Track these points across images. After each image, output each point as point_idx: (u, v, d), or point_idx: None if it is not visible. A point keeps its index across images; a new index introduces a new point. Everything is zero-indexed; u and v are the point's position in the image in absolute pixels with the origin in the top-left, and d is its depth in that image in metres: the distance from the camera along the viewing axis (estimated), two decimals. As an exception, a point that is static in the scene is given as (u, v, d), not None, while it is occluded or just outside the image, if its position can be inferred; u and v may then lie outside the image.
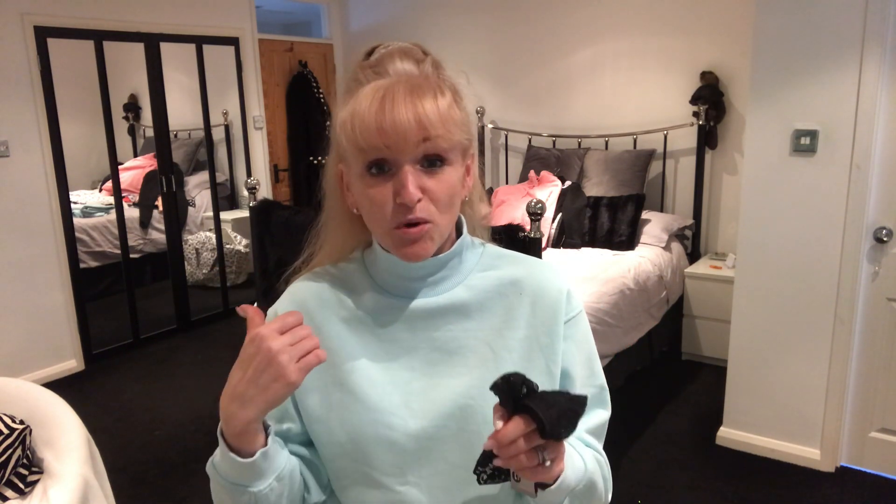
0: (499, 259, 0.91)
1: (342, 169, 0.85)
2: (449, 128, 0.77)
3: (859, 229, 2.47)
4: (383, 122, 0.75)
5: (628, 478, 2.71)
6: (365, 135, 0.76)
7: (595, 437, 0.90)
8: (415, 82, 0.78)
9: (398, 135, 0.75)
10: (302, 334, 0.72)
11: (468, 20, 4.77)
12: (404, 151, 0.76)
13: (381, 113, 0.75)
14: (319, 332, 0.86)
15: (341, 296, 0.88)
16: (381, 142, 0.75)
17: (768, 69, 2.54)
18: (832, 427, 2.67)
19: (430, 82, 0.79)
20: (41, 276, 3.73)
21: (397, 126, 0.75)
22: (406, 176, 0.76)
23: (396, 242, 0.80)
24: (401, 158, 0.76)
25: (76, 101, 4.11)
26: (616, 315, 3.03)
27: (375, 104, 0.75)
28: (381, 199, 0.78)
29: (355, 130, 0.76)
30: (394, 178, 0.77)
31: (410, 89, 0.76)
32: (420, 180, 0.77)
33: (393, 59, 0.80)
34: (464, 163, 0.84)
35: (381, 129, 0.75)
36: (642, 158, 4.02)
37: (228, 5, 4.60)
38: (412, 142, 0.75)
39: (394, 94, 0.76)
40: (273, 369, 0.70)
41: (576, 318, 0.88)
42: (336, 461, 0.86)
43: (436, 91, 0.78)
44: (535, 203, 2.13)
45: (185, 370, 3.91)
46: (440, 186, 0.79)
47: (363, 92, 0.78)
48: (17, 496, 1.88)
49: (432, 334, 0.85)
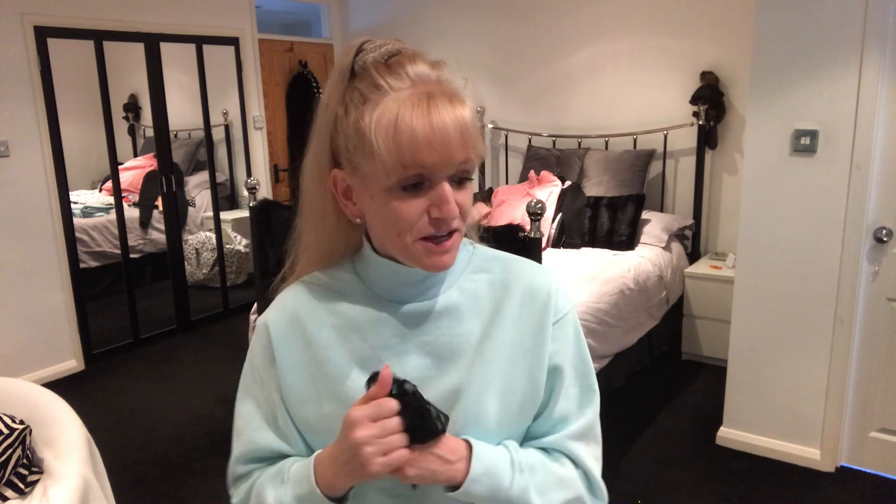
0: (489, 261, 0.90)
1: (339, 175, 0.81)
2: (477, 140, 0.77)
3: (859, 229, 2.47)
4: (432, 134, 0.72)
5: (628, 478, 2.71)
6: (413, 148, 0.72)
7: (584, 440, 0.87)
8: (450, 90, 0.76)
9: (445, 148, 0.73)
10: (391, 427, 0.72)
11: (468, 20, 4.77)
12: (446, 167, 0.74)
13: (429, 125, 0.72)
14: (310, 341, 0.85)
15: (332, 303, 0.87)
16: (429, 157, 0.73)
17: (768, 69, 2.54)
18: (832, 427, 2.67)
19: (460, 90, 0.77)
20: (41, 275, 3.73)
21: (445, 139, 0.73)
22: (446, 191, 0.75)
23: (422, 254, 0.78)
24: (441, 175, 0.75)
25: (76, 101, 4.11)
26: (616, 315, 3.03)
27: (423, 115, 0.72)
28: (413, 212, 0.76)
29: (401, 144, 0.72)
30: (428, 193, 0.75)
31: (450, 98, 0.74)
32: (454, 194, 0.77)
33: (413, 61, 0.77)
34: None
35: (430, 142, 0.72)
36: (642, 158, 4.02)
37: (228, 5, 4.60)
38: (456, 158, 0.74)
39: (438, 104, 0.73)
40: (357, 460, 0.72)
41: (564, 319, 0.87)
42: None
43: (465, 100, 0.77)
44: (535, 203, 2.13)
45: (185, 370, 3.91)
46: (466, 199, 0.79)
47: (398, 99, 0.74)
48: (17, 496, 1.88)
49: (424, 338, 0.84)
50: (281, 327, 0.87)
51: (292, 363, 0.85)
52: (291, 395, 0.84)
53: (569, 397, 0.87)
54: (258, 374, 0.88)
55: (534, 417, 0.86)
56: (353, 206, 0.82)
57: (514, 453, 0.81)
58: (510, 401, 0.82)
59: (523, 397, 0.83)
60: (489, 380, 0.82)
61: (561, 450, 0.85)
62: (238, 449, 0.88)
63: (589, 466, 0.86)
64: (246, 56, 4.75)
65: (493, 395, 0.82)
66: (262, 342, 0.87)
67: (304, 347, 0.85)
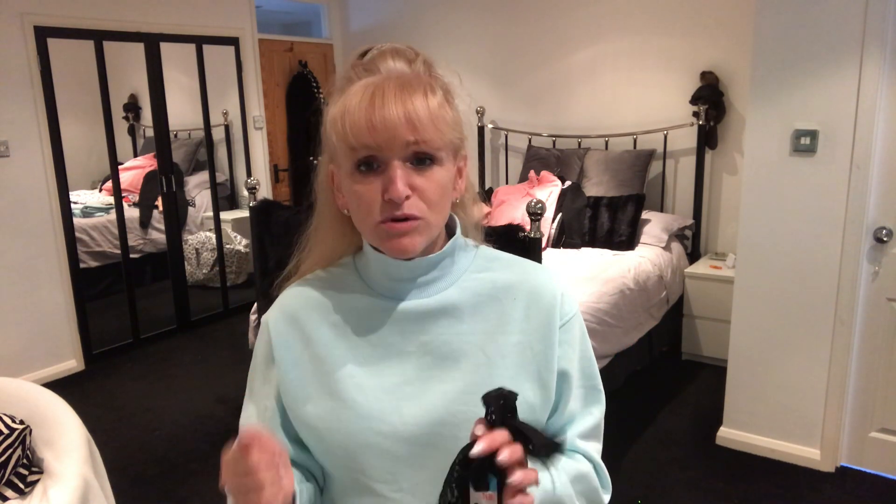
0: (493, 261, 0.90)
1: (333, 169, 0.84)
2: (439, 126, 0.77)
3: (859, 229, 2.47)
4: (373, 118, 0.74)
5: (628, 478, 2.71)
6: (355, 131, 0.75)
7: (592, 438, 0.89)
8: (405, 79, 0.77)
9: (388, 132, 0.74)
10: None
11: (468, 20, 4.77)
12: (393, 149, 0.76)
13: (370, 109, 0.74)
14: (309, 339, 0.86)
15: (332, 300, 0.87)
16: (372, 139, 0.75)
17: (768, 69, 2.54)
18: (832, 427, 2.67)
19: (421, 80, 0.78)
20: (41, 276, 3.73)
21: (387, 123, 0.74)
22: (395, 172, 0.76)
23: (383, 237, 0.79)
24: (390, 156, 0.76)
25: (76, 101, 4.11)
26: (616, 315, 3.03)
27: (366, 101, 0.75)
28: (370, 195, 0.77)
29: (345, 127, 0.76)
30: (382, 175, 0.77)
31: (400, 86, 0.76)
32: (409, 178, 0.77)
33: (385, 59, 0.80)
34: (455, 163, 0.83)
35: (372, 125, 0.74)
36: (642, 158, 4.02)
37: (228, 5, 4.60)
38: (401, 140, 0.75)
39: (384, 91, 0.75)
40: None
41: (570, 322, 0.87)
42: (330, 469, 0.86)
43: (426, 89, 0.77)
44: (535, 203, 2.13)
45: (185, 370, 3.91)
46: (429, 184, 0.78)
47: (353, 89, 0.78)
48: (17, 496, 1.88)
49: (424, 337, 0.84)
50: (280, 326, 0.87)
51: (292, 361, 0.85)
52: (290, 393, 0.85)
53: (578, 399, 0.88)
54: (261, 372, 0.89)
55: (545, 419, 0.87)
56: (341, 197, 0.84)
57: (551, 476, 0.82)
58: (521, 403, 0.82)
59: (534, 399, 0.83)
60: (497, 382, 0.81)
61: (573, 449, 0.88)
62: None
63: (599, 462, 0.89)
64: (246, 56, 4.75)
65: None
66: (263, 341, 0.89)
67: (304, 345, 0.86)
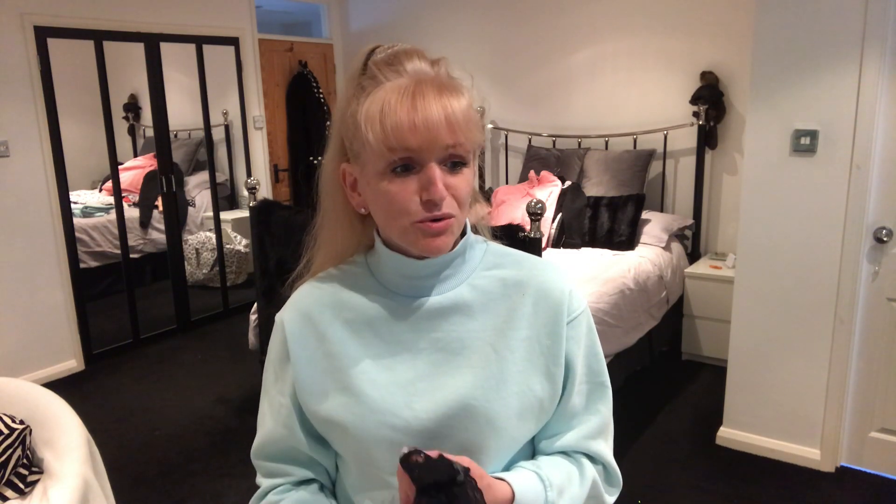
0: (502, 258, 0.91)
1: (346, 168, 0.84)
2: (471, 128, 0.78)
3: (859, 229, 2.47)
4: (416, 119, 0.75)
5: (628, 478, 2.69)
6: (396, 132, 0.75)
7: (599, 438, 0.90)
8: (441, 81, 0.78)
9: (429, 132, 0.75)
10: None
11: (468, 20, 4.77)
12: (433, 151, 0.76)
13: (413, 111, 0.75)
14: (323, 336, 0.87)
15: (345, 298, 0.88)
16: (414, 140, 0.75)
17: (768, 69, 2.54)
18: (832, 427, 2.67)
19: (454, 83, 0.80)
20: (41, 276, 3.73)
21: (429, 124, 0.75)
22: (434, 172, 0.77)
23: (418, 236, 0.80)
24: (427, 157, 0.77)
25: (76, 101, 4.12)
26: (616, 315, 3.03)
27: (407, 102, 0.75)
28: (405, 195, 0.78)
29: (386, 128, 0.75)
30: (419, 175, 0.77)
31: (438, 88, 0.77)
32: (445, 178, 0.78)
33: (411, 58, 0.80)
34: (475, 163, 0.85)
35: (414, 126, 0.75)
36: (642, 158, 4.02)
37: (228, 5, 4.60)
38: (442, 142, 0.76)
39: (424, 93, 0.76)
40: None
41: (578, 318, 0.88)
42: (346, 462, 0.89)
43: (459, 91, 0.79)
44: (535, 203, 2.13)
45: (185, 370, 3.91)
46: (461, 184, 0.79)
47: (387, 88, 0.77)
48: (17, 496, 1.88)
49: (436, 334, 0.85)
50: (295, 324, 0.89)
51: (306, 359, 0.87)
52: (305, 389, 0.86)
53: (583, 395, 0.89)
54: (275, 371, 0.91)
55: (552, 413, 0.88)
56: (358, 197, 0.85)
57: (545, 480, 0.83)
58: (529, 397, 0.84)
59: (542, 393, 0.85)
60: (506, 377, 0.84)
61: (581, 451, 0.89)
62: (255, 441, 0.94)
63: (608, 460, 0.90)
64: (246, 56, 4.75)
65: (511, 392, 0.83)
66: (278, 339, 0.91)
67: (318, 343, 0.87)
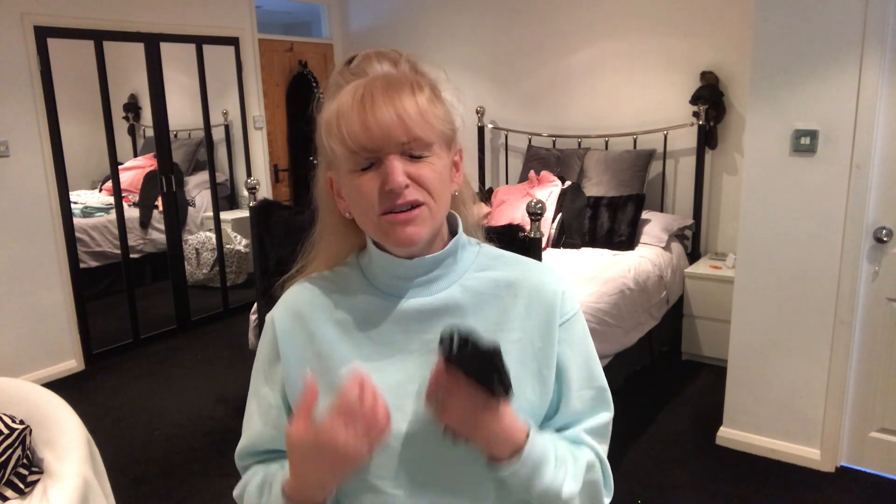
0: (495, 260, 0.91)
1: (332, 176, 0.85)
2: (429, 120, 0.79)
3: (859, 229, 2.47)
4: (367, 120, 0.76)
5: (628, 478, 2.71)
6: (351, 134, 0.77)
7: (597, 437, 0.90)
8: (391, 79, 0.79)
9: (382, 131, 0.76)
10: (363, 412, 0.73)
11: (468, 20, 4.77)
12: (389, 147, 0.77)
13: (362, 112, 0.76)
14: (313, 337, 0.86)
15: (336, 299, 0.88)
16: (368, 140, 0.76)
17: (768, 69, 2.54)
18: (832, 427, 2.67)
19: (407, 78, 0.80)
20: (41, 276, 3.73)
21: (381, 123, 0.76)
22: (392, 162, 0.77)
23: (387, 229, 0.80)
24: (387, 153, 0.78)
25: (76, 101, 4.12)
26: (616, 315, 3.03)
27: (357, 103, 0.77)
28: (369, 189, 0.78)
29: (342, 131, 0.77)
30: (379, 169, 0.78)
31: (387, 86, 0.78)
32: (406, 168, 0.78)
33: (370, 62, 0.82)
34: (450, 155, 0.84)
35: (366, 126, 0.76)
36: (642, 158, 4.02)
37: (228, 5, 4.60)
38: (396, 140, 0.77)
39: (372, 92, 0.77)
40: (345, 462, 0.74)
41: (571, 321, 0.88)
42: None
43: (413, 86, 0.79)
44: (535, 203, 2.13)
45: (185, 370, 3.91)
46: (426, 171, 0.79)
47: (343, 93, 0.80)
48: (17, 496, 1.88)
49: (426, 336, 0.84)
50: (285, 323, 0.89)
51: (296, 358, 0.87)
52: (295, 389, 0.86)
53: (584, 400, 0.88)
54: (264, 372, 0.90)
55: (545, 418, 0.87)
56: (343, 202, 0.86)
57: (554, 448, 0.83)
58: (521, 401, 0.83)
59: (533, 396, 0.84)
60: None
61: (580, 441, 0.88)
62: (241, 442, 0.92)
63: (605, 459, 0.90)
64: (246, 56, 4.75)
65: None
66: (268, 338, 0.90)
67: (308, 342, 0.87)
